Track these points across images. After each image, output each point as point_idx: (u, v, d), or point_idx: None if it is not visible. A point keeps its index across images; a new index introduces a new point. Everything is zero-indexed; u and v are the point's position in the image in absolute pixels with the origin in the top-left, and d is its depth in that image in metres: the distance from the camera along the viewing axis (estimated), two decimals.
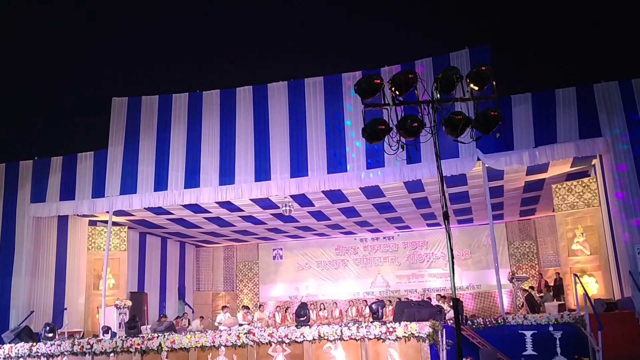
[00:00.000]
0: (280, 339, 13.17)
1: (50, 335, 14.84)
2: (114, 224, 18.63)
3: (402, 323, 12.63)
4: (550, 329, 12.72)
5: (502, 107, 8.68)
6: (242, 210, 18.63)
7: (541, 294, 18.22)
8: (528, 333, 12.85)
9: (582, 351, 12.30)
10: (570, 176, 16.50)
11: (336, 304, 21.49)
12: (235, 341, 13.38)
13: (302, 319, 14.56)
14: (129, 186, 17.15)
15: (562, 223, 16.47)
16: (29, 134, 28.34)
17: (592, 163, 15.57)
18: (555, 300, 16.80)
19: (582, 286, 13.28)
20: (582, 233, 15.99)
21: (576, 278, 13.53)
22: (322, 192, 16.38)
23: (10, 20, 28.33)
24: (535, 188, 17.65)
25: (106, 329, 15.08)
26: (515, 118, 14.76)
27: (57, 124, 29.00)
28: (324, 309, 20.26)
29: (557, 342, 12.59)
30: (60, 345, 14.18)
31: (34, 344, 14.50)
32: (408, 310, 13.53)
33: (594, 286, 15.33)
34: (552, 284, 18.40)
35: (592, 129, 14.33)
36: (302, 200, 17.37)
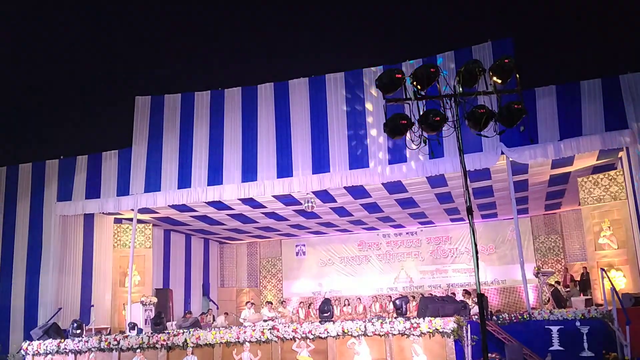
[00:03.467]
0: (304, 335, 13.22)
1: (78, 331, 15.04)
2: (139, 221, 18.83)
3: (427, 319, 12.59)
4: (577, 324, 12.58)
5: (526, 100, 8.63)
6: (265, 207, 18.69)
7: (567, 289, 18.02)
8: (554, 328, 12.73)
9: (609, 346, 12.16)
10: (596, 169, 16.26)
11: (360, 299, 21.49)
12: (260, 337, 13.46)
13: (325, 314, 14.53)
14: (153, 184, 17.32)
15: (589, 217, 16.24)
16: (54, 133, 28.75)
17: (619, 155, 15.32)
18: (581, 294, 16.59)
19: (610, 280, 13.10)
20: (609, 227, 15.76)
21: (603, 272, 13.35)
22: (344, 188, 16.36)
23: (36, 20, 28.76)
24: (561, 182, 17.43)
25: (132, 325, 15.27)
26: (539, 111, 14.59)
27: (82, 124, 29.40)
28: (348, 304, 20.26)
29: (584, 337, 12.45)
30: (87, 342, 14.40)
31: (62, 340, 14.73)
32: (432, 305, 13.47)
33: (621, 280, 15.12)
34: (578, 278, 18.19)
35: (618, 121, 14.10)
36: (324, 196, 17.38)
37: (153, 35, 31.46)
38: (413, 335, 12.50)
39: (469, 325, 12.43)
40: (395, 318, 13.55)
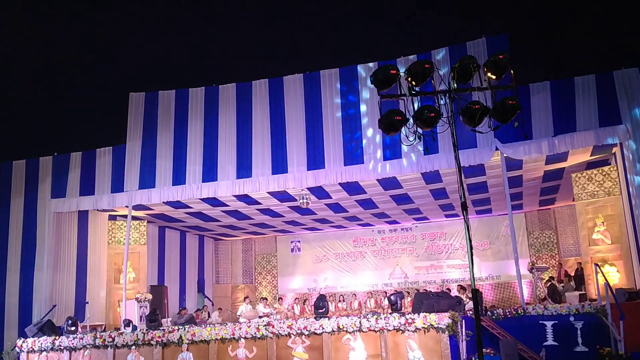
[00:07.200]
0: (299, 331, 13.23)
1: (73, 328, 15.03)
2: (134, 218, 18.78)
3: (421, 314, 12.63)
4: (571, 319, 12.64)
5: (521, 95, 8.61)
6: (260, 203, 18.68)
7: (562, 284, 18.10)
8: (548, 323, 12.79)
9: (603, 341, 12.21)
10: (590, 165, 16.31)
11: (355, 295, 21.51)
12: (255, 333, 13.47)
13: (321, 310, 14.59)
14: (147, 181, 17.28)
15: (583, 212, 16.30)
16: (48, 130, 28.64)
17: (613, 151, 15.38)
18: (575, 290, 16.67)
19: (603, 276, 13.16)
20: (603, 222, 15.82)
21: (597, 267, 13.41)
22: (339, 184, 16.36)
23: (29, 17, 28.61)
24: (555, 177, 17.48)
25: (127, 322, 15.26)
26: (533, 107, 14.62)
27: (76, 120, 29.26)
28: (343, 300, 20.29)
29: (578, 332, 12.52)
30: (82, 339, 14.39)
31: (57, 337, 14.72)
32: (427, 301, 13.52)
33: (615, 275, 15.19)
34: (572, 273, 18.26)
35: (612, 117, 14.15)
36: (319, 192, 17.38)
37: (147, 31, 31.37)
38: (408, 330, 12.54)
39: (463, 321, 12.48)
40: (390, 314, 13.59)
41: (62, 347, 14.50)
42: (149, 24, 31.50)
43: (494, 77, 6.81)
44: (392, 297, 15.08)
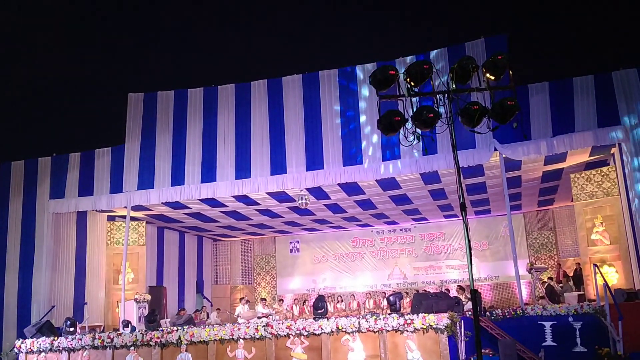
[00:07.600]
0: (298, 332, 13.23)
1: (71, 329, 15.02)
2: (132, 218, 18.77)
3: (420, 315, 12.62)
4: (570, 319, 12.64)
5: (519, 96, 8.63)
6: (259, 204, 18.67)
7: (560, 284, 18.11)
8: (547, 324, 12.79)
9: (602, 341, 12.21)
10: (589, 165, 16.32)
11: (354, 296, 21.51)
12: (254, 334, 13.46)
13: (320, 311, 14.58)
14: (146, 181, 17.27)
15: (581, 213, 16.29)
16: (46, 131, 28.64)
17: (611, 152, 15.39)
18: (574, 290, 16.67)
19: (602, 276, 13.16)
20: (602, 222, 15.83)
21: (596, 268, 13.42)
22: (338, 184, 16.36)
23: (27, 18, 28.61)
24: (554, 178, 17.49)
25: (126, 323, 15.24)
26: (532, 107, 14.62)
27: (75, 121, 29.26)
28: (342, 301, 20.29)
29: (577, 332, 12.52)
30: (81, 340, 14.38)
31: (56, 338, 14.71)
32: (426, 302, 13.52)
33: (614, 276, 15.18)
34: (571, 274, 18.27)
35: (610, 118, 14.16)
36: (318, 193, 17.37)
37: (146, 32, 31.37)
38: (407, 331, 12.54)
39: (462, 321, 12.49)
40: (389, 314, 13.59)
41: (60, 348, 14.48)
42: (149, 24, 31.50)
43: (492, 77, 6.82)
44: (391, 298, 15.07)
